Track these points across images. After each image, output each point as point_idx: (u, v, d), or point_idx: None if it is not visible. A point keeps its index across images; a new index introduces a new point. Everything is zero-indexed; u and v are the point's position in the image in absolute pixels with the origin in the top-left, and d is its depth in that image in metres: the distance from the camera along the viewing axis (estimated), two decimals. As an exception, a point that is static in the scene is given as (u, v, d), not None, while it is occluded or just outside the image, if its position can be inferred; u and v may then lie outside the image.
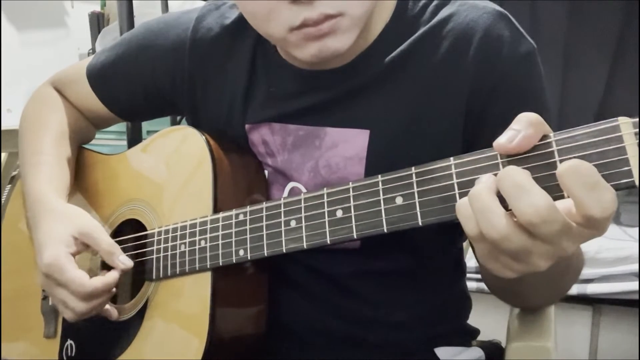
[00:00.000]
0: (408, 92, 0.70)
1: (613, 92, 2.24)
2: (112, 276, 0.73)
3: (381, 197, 0.57)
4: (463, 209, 0.48)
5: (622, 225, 1.90)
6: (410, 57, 0.70)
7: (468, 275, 0.86)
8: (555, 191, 0.46)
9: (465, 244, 0.86)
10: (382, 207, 0.56)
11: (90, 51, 2.40)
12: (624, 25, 2.18)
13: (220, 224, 0.70)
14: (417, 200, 0.54)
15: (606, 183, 0.44)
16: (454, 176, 0.52)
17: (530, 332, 0.75)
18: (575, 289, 1.71)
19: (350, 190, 0.59)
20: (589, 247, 1.70)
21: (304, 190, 0.74)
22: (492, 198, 0.46)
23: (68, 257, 0.73)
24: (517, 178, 0.45)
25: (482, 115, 0.68)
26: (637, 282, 1.65)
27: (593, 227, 0.45)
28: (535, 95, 0.70)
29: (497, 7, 0.70)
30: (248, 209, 0.68)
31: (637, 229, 1.79)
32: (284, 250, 0.64)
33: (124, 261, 0.75)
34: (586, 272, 1.70)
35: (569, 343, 1.76)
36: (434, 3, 0.71)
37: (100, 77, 0.89)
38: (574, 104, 2.23)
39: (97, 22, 2.41)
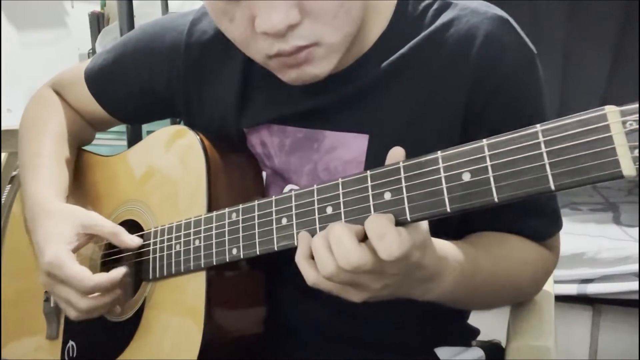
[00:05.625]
0: (407, 97, 0.69)
1: (613, 92, 2.24)
2: (115, 272, 0.73)
3: (370, 192, 0.56)
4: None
5: (622, 225, 1.90)
6: (409, 62, 0.69)
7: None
8: (540, 183, 0.47)
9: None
10: (371, 202, 0.56)
11: (90, 51, 2.41)
12: (624, 25, 2.18)
13: (214, 223, 0.70)
14: (405, 195, 0.54)
15: (395, 232, 0.52)
16: (442, 170, 0.52)
17: (530, 332, 0.75)
18: (575, 289, 1.71)
19: (340, 186, 0.58)
20: (589, 247, 1.70)
21: None
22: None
23: (69, 254, 0.74)
24: (337, 233, 0.54)
25: (479, 119, 0.68)
26: (637, 282, 1.65)
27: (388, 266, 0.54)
28: (533, 102, 0.70)
29: (499, 12, 0.70)
30: (240, 207, 0.67)
31: (637, 229, 1.79)
32: (275, 248, 0.63)
33: (132, 239, 0.76)
34: (586, 272, 1.70)
35: (569, 343, 1.76)
36: (435, 6, 0.70)
37: (98, 80, 0.89)
38: (574, 104, 2.23)
39: (97, 22, 2.41)
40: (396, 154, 0.56)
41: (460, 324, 0.84)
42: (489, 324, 0.89)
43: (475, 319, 0.86)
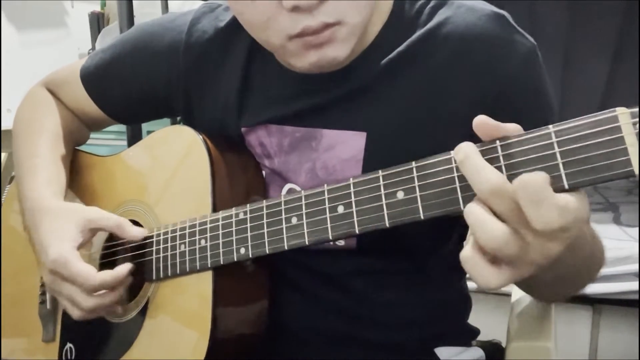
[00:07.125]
0: (405, 95, 0.70)
1: (613, 92, 2.24)
2: (120, 269, 0.73)
3: (382, 192, 0.57)
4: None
5: (622, 225, 1.90)
6: (407, 60, 0.70)
7: (468, 275, 0.86)
8: (554, 182, 0.47)
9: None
10: (384, 201, 0.57)
11: (90, 51, 2.40)
12: (624, 25, 2.18)
13: (220, 223, 0.70)
14: (418, 194, 0.55)
15: (555, 200, 0.45)
16: (455, 170, 0.53)
17: (530, 332, 0.75)
18: (575, 289, 1.71)
19: (351, 186, 0.59)
20: (589, 247, 1.70)
21: None
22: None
23: (73, 251, 0.73)
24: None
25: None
26: (637, 282, 1.65)
27: (543, 237, 0.46)
28: (540, 95, 0.70)
29: (494, 9, 0.70)
30: (248, 207, 0.68)
31: (637, 229, 1.79)
32: (286, 247, 0.64)
33: (138, 230, 0.76)
34: (586, 272, 1.70)
35: (569, 343, 1.76)
36: (431, 4, 0.71)
37: (95, 79, 0.88)
38: (574, 105, 2.23)
39: (97, 22, 2.41)
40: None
41: (460, 324, 0.84)
42: (489, 324, 0.89)
43: (475, 319, 0.86)
